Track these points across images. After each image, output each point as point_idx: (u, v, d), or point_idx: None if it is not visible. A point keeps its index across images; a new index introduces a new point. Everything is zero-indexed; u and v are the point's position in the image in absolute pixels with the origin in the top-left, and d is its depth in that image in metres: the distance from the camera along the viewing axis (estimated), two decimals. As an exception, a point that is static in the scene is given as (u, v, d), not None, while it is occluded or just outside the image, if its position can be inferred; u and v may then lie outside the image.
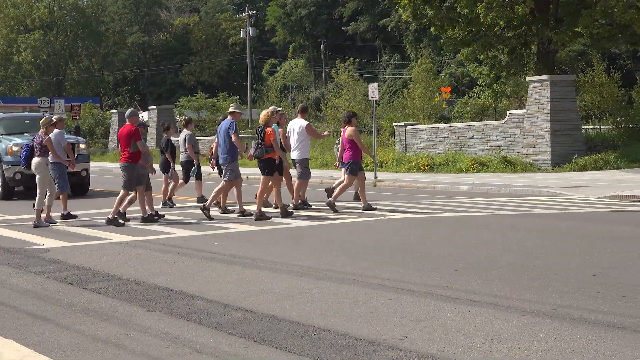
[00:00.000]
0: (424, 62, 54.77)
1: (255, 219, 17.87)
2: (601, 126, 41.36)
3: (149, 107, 66.67)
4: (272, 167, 18.30)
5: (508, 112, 35.70)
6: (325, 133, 23.60)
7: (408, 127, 39.66)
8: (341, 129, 20.66)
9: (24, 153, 18.51)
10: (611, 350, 7.08)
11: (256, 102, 75.45)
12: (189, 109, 75.17)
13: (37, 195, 17.89)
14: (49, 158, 18.42)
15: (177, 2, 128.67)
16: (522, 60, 41.66)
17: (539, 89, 32.31)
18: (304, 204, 20.03)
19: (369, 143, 33.95)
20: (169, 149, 21.93)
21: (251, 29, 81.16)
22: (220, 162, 19.13)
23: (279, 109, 19.68)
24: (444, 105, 51.17)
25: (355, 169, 19.19)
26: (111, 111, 70.34)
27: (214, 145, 20.88)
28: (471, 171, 32.24)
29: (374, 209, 19.15)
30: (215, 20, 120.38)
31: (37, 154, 18.13)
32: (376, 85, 33.09)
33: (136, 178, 17.93)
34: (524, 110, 33.76)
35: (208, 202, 18.73)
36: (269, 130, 18.21)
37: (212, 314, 8.83)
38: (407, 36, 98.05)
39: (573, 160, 31.33)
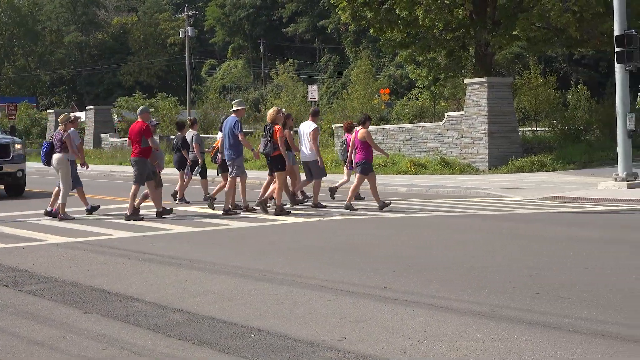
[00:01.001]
0: (363, 63, 55.09)
1: (276, 214, 18.51)
2: (537, 128, 41.87)
3: (87, 107, 66.04)
4: (283, 162, 18.88)
5: (446, 114, 36.01)
6: None
7: (348, 129, 39.62)
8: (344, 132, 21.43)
9: (44, 150, 19.50)
10: (547, 350, 7.15)
11: (195, 103, 75.02)
12: (127, 110, 74.66)
13: (62, 189, 18.76)
14: (68, 154, 19.13)
15: (114, 1, 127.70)
16: (460, 62, 42.07)
17: (477, 91, 32.60)
18: (302, 201, 20.78)
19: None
20: (185, 147, 22.33)
21: (190, 29, 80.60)
22: (225, 158, 19.37)
23: (283, 109, 20.28)
24: (382, 107, 51.46)
25: (367, 168, 19.59)
26: (48, 111, 69.49)
27: (217, 143, 21.25)
28: (410, 172, 32.40)
29: (388, 204, 19.51)
30: (153, 20, 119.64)
31: (57, 150, 18.99)
32: (315, 86, 33.28)
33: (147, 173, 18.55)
34: (462, 112, 34.03)
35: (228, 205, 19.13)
36: (277, 127, 18.81)
37: (150, 316, 8.76)
38: (346, 38, 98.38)
39: (510, 162, 31.66)
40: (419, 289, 9.81)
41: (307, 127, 20.75)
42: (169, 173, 29.55)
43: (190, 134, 22.74)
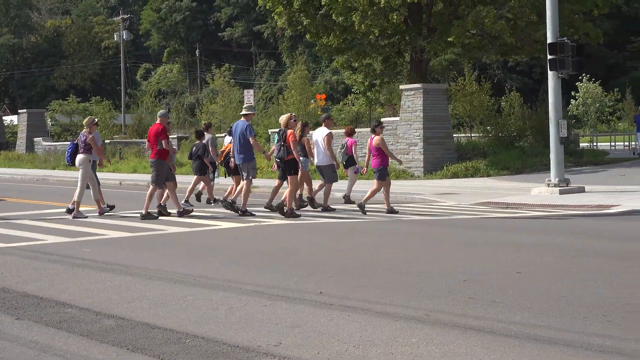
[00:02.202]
0: (299, 69, 55.14)
1: (287, 216, 19.02)
2: (472, 134, 42.31)
3: (19, 111, 65.17)
4: (296, 166, 19.53)
5: (382, 119, 36.17)
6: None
7: (283, 134, 39.68)
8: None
9: (69, 150, 20.54)
10: (481, 354, 7.21)
11: (130, 107, 74.49)
12: (61, 113, 73.82)
13: (78, 188, 19.97)
14: (91, 155, 20.26)
15: (48, 3, 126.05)
16: (396, 68, 42.33)
17: (412, 97, 32.81)
18: (310, 205, 21.14)
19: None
20: (205, 154, 22.53)
21: (125, 33, 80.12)
22: (237, 162, 19.97)
23: (294, 115, 20.73)
24: (319, 112, 51.47)
25: (384, 174, 20.06)
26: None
27: (225, 147, 21.97)
28: (345, 178, 32.29)
29: (397, 212, 19.92)
30: (88, 23, 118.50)
31: (81, 151, 20.10)
32: (252, 91, 33.23)
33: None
34: (397, 118, 34.21)
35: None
36: (289, 132, 19.34)
37: (83, 322, 8.67)
38: (282, 43, 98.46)
39: (445, 168, 31.89)
40: (355, 294, 9.83)
41: (320, 133, 21.19)
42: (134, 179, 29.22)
43: (205, 138, 23.12)
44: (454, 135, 36.71)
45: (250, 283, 10.67)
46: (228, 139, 21.86)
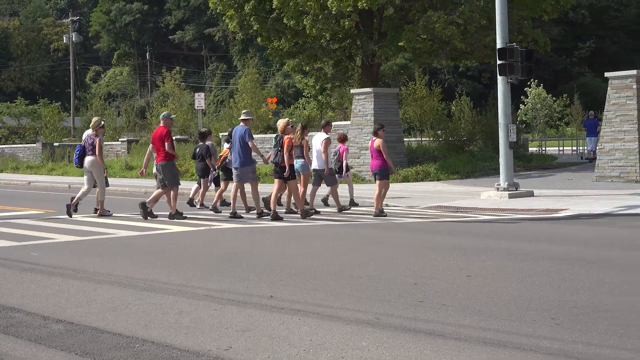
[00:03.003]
0: (250, 72, 55.03)
1: (303, 218, 19.61)
2: (422, 139, 42.49)
3: (-34, 113, 64.31)
4: (292, 171, 19.96)
5: (333, 123, 36.20)
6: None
7: (234, 137, 39.67)
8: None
9: (78, 153, 21.13)
10: (431, 358, 7.25)
11: (79, 110, 73.89)
12: (8, 116, 73.02)
13: (98, 188, 20.84)
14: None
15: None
16: (347, 72, 42.39)
17: (363, 102, 32.90)
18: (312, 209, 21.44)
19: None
20: (209, 155, 22.90)
21: (74, 35, 79.44)
22: (236, 166, 20.39)
23: (290, 120, 21.20)
24: (270, 116, 51.47)
25: (387, 174, 20.60)
26: None
27: (223, 153, 22.49)
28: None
29: (385, 215, 20.23)
30: (36, 25, 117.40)
31: (89, 153, 20.76)
32: (202, 94, 33.14)
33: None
34: (348, 122, 34.28)
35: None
36: (286, 138, 19.83)
37: (31, 327, 8.57)
38: (234, 46, 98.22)
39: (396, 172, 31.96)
40: (305, 298, 9.83)
41: (319, 138, 21.68)
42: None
43: (207, 141, 23.53)
44: (405, 139, 36.86)
45: (200, 287, 10.63)
46: (226, 145, 22.54)
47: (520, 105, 60.67)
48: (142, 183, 32.12)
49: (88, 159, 20.76)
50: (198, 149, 23.31)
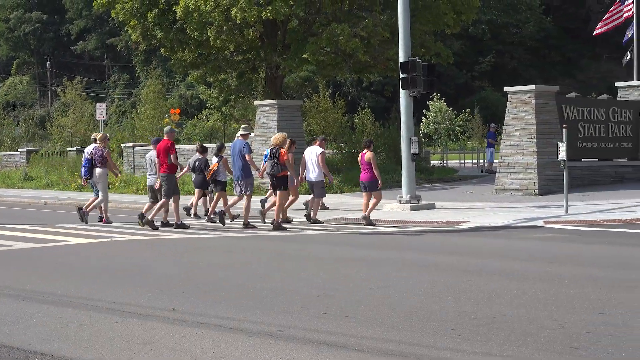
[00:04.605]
0: (153, 83, 54.54)
1: (274, 229, 19.84)
2: (326, 151, 42.61)
3: None
4: (286, 183, 20.76)
5: (236, 135, 36.09)
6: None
7: (136, 148, 39.38)
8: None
9: (86, 166, 21.94)
10: (334, 369, 7.27)
11: (-24, 119, 72.18)
12: None
13: (100, 198, 21.73)
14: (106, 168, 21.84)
15: None
16: (251, 84, 42.39)
17: (267, 113, 32.91)
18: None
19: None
20: (207, 168, 23.35)
21: (-28, 43, 77.66)
22: (235, 179, 21.32)
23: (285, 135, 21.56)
24: (173, 127, 51.15)
25: (376, 186, 21.21)
26: None
27: (213, 166, 22.93)
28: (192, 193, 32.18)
29: (375, 224, 20.71)
30: None
31: (98, 165, 21.66)
32: (104, 104, 32.78)
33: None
34: (252, 134, 34.23)
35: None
36: (282, 150, 20.40)
37: None
38: (136, 56, 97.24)
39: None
40: (208, 310, 9.78)
41: (313, 152, 22.44)
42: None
43: (206, 154, 24.24)
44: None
45: (101, 300, 10.48)
46: (215, 158, 23.10)
47: (423, 118, 61.36)
48: (41, 194, 31.55)
49: (97, 171, 21.66)
50: (197, 162, 23.64)
